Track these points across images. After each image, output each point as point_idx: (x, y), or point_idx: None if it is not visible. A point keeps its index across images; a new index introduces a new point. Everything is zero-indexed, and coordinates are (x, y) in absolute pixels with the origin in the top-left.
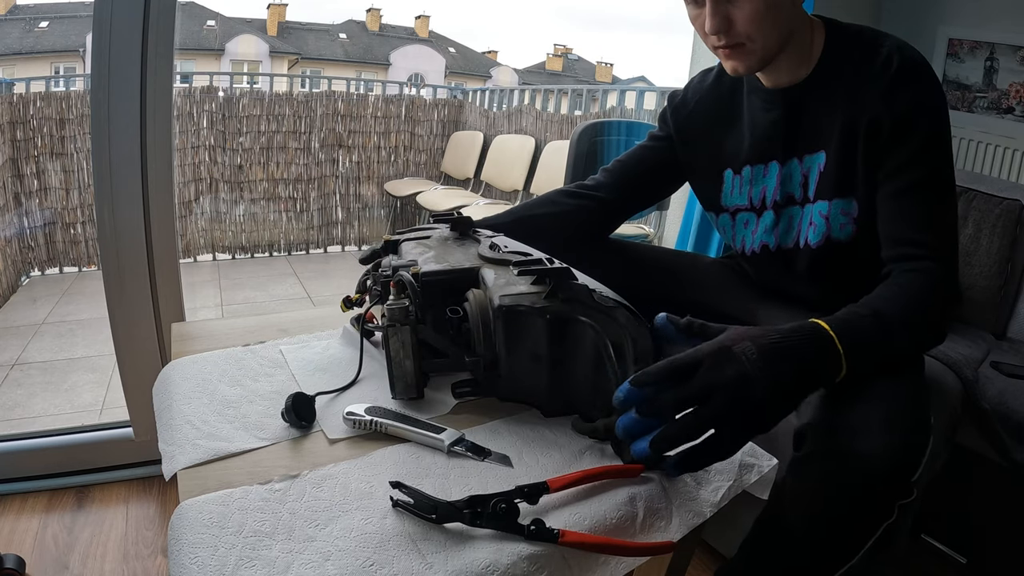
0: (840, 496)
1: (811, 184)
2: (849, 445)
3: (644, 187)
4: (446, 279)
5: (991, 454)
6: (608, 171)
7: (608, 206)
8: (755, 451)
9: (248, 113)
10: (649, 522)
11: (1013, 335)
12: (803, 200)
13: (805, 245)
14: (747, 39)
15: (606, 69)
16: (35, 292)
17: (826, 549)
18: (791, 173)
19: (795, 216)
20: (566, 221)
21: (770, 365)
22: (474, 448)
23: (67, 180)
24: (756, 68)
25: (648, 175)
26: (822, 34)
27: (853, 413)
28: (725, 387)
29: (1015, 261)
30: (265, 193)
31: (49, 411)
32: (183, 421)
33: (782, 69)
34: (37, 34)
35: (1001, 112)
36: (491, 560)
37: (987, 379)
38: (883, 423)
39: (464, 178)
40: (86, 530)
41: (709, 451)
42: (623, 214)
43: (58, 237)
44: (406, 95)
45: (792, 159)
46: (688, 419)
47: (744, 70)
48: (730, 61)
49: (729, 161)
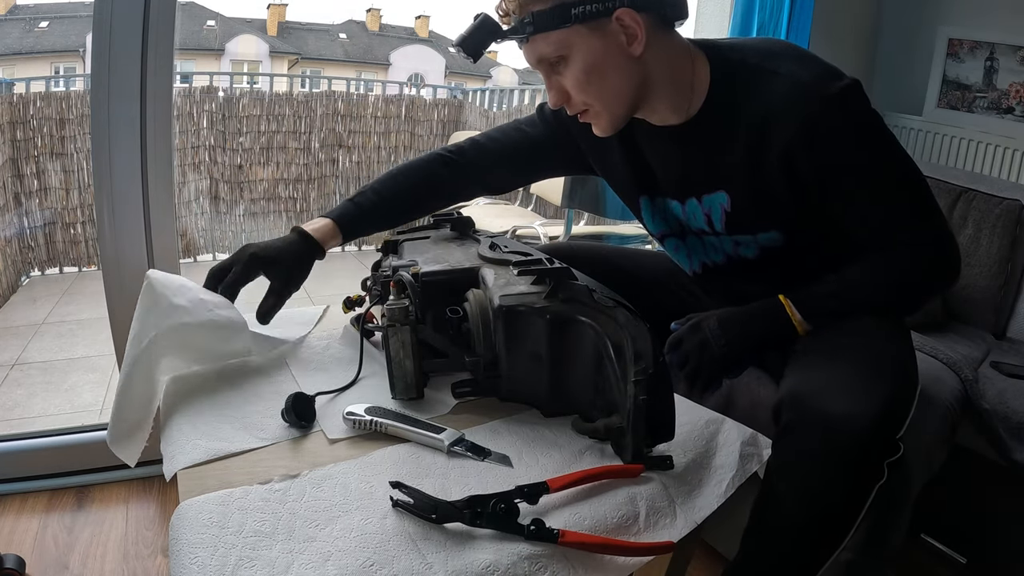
0: (823, 462)
1: (716, 222)
2: (822, 409)
3: (515, 181)
4: (446, 279)
5: (991, 454)
6: (485, 151)
7: (474, 185)
8: (756, 440)
9: (248, 113)
10: (651, 521)
11: (1013, 335)
12: (715, 233)
13: (742, 258)
14: (586, 105)
15: None
16: (35, 292)
17: (821, 516)
18: (693, 212)
19: (717, 242)
20: (441, 194)
21: (725, 331)
22: (474, 448)
23: (67, 180)
24: (615, 127)
25: (523, 169)
26: (706, 68)
27: (824, 377)
28: (692, 351)
29: (1015, 261)
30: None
31: (49, 411)
32: (183, 421)
33: (665, 110)
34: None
35: (1001, 112)
36: (491, 560)
37: (987, 379)
38: (857, 383)
39: None
40: (86, 530)
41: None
42: (479, 194)
43: (58, 237)
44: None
45: (690, 198)
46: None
47: (603, 132)
48: (592, 125)
49: (641, 188)
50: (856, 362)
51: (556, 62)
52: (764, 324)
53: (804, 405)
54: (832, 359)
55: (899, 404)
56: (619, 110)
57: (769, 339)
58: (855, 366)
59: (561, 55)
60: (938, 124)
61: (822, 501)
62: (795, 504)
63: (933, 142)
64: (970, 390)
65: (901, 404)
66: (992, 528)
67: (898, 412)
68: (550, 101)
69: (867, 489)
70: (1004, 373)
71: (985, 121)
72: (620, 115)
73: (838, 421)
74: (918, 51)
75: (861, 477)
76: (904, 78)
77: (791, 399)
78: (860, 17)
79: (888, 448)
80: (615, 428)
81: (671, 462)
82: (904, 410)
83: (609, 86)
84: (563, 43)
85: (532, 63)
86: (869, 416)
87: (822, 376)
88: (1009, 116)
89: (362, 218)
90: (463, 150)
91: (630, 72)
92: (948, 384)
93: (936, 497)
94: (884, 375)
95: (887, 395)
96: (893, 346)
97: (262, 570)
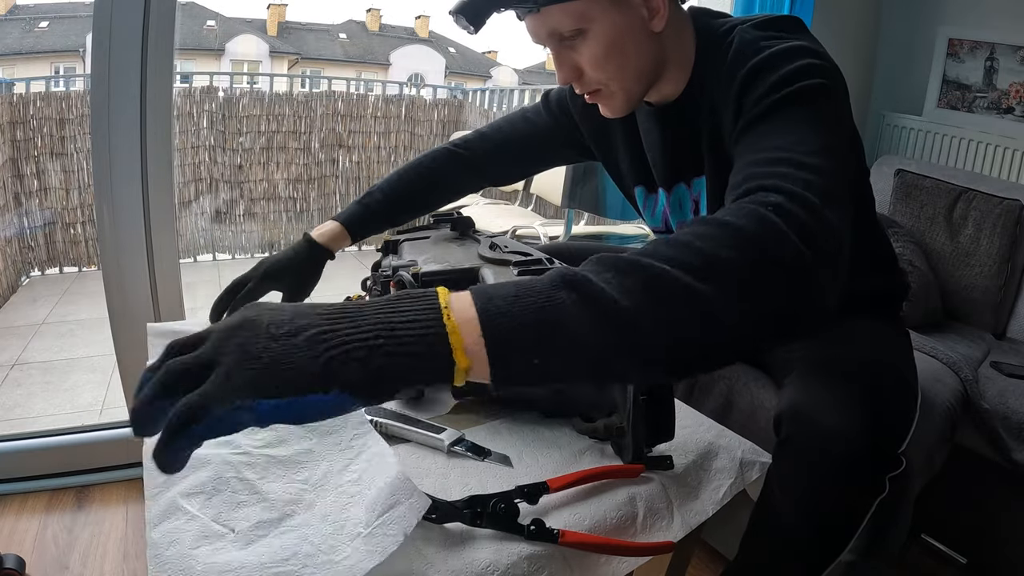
0: (822, 477)
1: (702, 211)
2: (824, 424)
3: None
4: (446, 279)
5: (991, 454)
6: (492, 143)
7: (483, 177)
8: (756, 449)
9: (248, 113)
10: (649, 522)
11: (1013, 335)
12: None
13: None
14: (600, 84)
15: None
16: (35, 292)
17: (821, 529)
18: (680, 200)
19: None
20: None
21: (297, 319)
22: (474, 448)
23: (67, 180)
24: (628, 109)
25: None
26: (693, 39)
27: (826, 391)
28: (217, 348)
29: (1015, 261)
30: (265, 193)
31: (49, 411)
32: None
33: (668, 89)
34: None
35: (1001, 112)
36: (491, 560)
37: (987, 379)
38: (859, 397)
39: None
40: (86, 530)
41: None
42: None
43: (58, 237)
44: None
45: (679, 183)
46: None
47: (614, 113)
48: (600, 106)
49: (637, 177)
50: (858, 375)
51: (570, 36)
52: (387, 318)
53: (805, 420)
54: (834, 370)
55: (900, 420)
56: (636, 90)
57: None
58: (857, 380)
59: (578, 28)
60: (938, 124)
61: (822, 514)
62: (795, 516)
63: (933, 142)
64: (970, 390)
65: (903, 420)
66: (992, 528)
67: (899, 428)
68: (559, 78)
69: (867, 504)
70: (1004, 373)
71: (985, 121)
72: (636, 95)
73: (839, 438)
74: (918, 51)
75: (862, 493)
76: (904, 78)
77: (791, 413)
78: (860, 17)
79: (890, 463)
80: (615, 428)
81: (671, 462)
82: (905, 426)
83: (629, 64)
84: (583, 16)
85: (540, 37)
86: (870, 433)
87: (823, 389)
88: (1009, 116)
89: (370, 219)
90: (470, 143)
91: (649, 49)
92: (948, 384)
93: (936, 497)
94: (886, 390)
95: (889, 411)
96: (895, 357)
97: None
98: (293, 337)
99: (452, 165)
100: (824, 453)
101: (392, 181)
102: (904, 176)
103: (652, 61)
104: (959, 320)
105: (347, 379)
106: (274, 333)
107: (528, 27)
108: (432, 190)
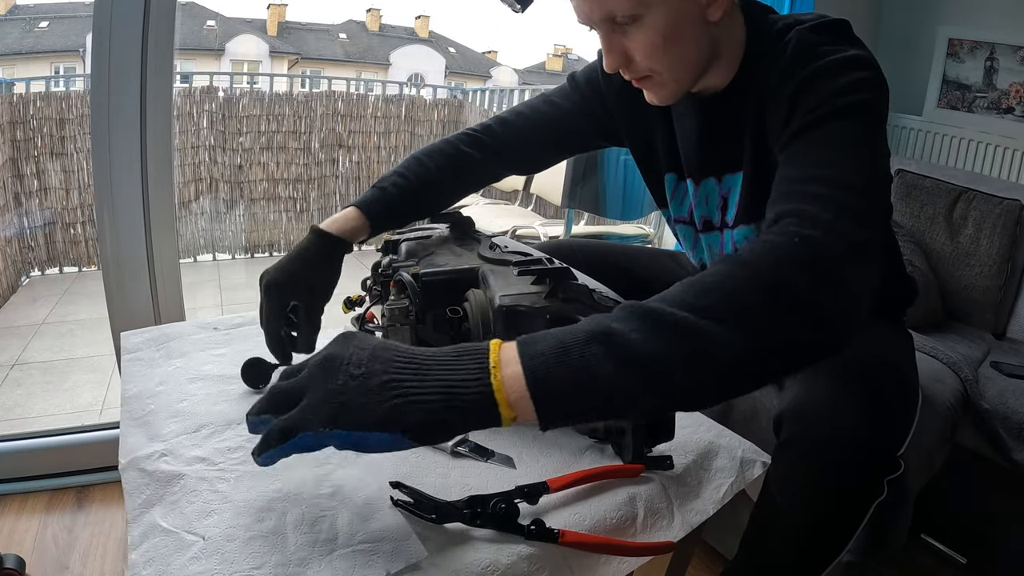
0: (822, 479)
1: (731, 208)
2: (824, 426)
3: (547, 158)
4: (446, 279)
5: (991, 454)
6: (514, 128)
7: (505, 165)
8: (756, 449)
9: (248, 113)
10: (649, 522)
11: (1013, 335)
12: (721, 225)
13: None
14: (652, 72)
15: None
16: (35, 292)
17: (819, 530)
18: (708, 194)
19: (715, 243)
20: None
21: (374, 364)
22: (477, 449)
23: (67, 180)
24: (676, 97)
25: (555, 144)
26: (743, 31)
27: (827, 392)
28: (306, 384)
29: (1015, 261)
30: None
31: (49, 411)
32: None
33: (716, 79)
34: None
35: (1001, 112)
36: (491, 560)
37: (987, 379)
38: (859, 400)
39: None
40: (86, 530)
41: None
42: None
43: (58, 237)
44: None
45: (709, 178)
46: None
47: (661, 101)
48: (646, 92)
49: (670, 164)
50: (860, 377)
51: (623, 22)
52: (445, 375)
53: (805, 422)
54: (835, 372)
55: (900, 423)
56: (687, 79)
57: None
58: (859, 381)
59: (635, 14)
60: (938, 124)
61: (820, 516)
62: (793, 517)
63: (933, 142)
64: (970, 390)
65: (902, 423)
66: (992, 528)
67: (899, 432)
68: (606, 64)
69: (865, 506)
70: (1004, 373)
71: (985, 121)
72: (687, 85)
73: (838, 441)
74: (918, 51)
75: (860, 495)
76: (904, 78)
77: (792, 414)
78: (860, 17)
79: (889, 466)
80: (615, 428)
81: (671, 462)
82: (905, 429)
83: (684, 53)
84: (642, 1)
85: (592, 20)
86: (870, 436)
87: (824, 391)
88: (1009, 116)
89: (389, 205)
90: (490, 128)
91: (705, 38)
92: (948, 384)
93: (936, 497)
94: (888, 392)
95: (889, 414)
96: (898, 358)
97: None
98: (367, 380)
99: (473, 151)
100: (824, 454)
101: (410, 166)
102: (904, 176)
103: (707, 51)
104: (959, 320)
105: (408, 424)
106: (353, 373)
107: (579, 8)
108: (454, 178)
